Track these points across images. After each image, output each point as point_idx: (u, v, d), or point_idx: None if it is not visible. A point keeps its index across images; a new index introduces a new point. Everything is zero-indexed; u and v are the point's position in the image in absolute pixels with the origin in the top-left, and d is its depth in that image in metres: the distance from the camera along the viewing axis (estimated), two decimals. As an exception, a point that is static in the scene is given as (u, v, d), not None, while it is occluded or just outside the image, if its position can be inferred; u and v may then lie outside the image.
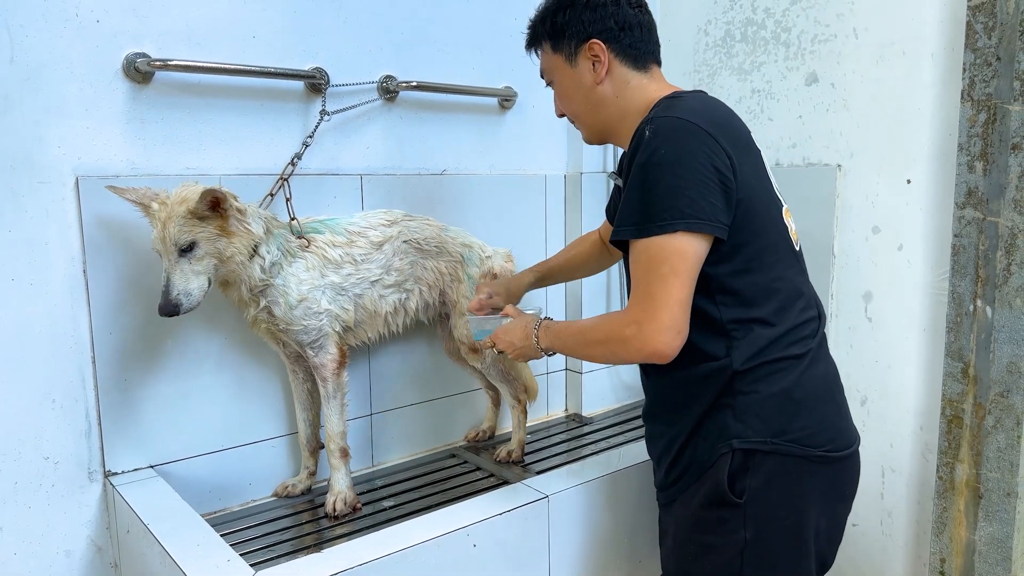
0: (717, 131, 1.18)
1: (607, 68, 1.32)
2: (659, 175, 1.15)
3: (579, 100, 1.38)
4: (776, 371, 1.22)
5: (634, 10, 1.33)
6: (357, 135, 1.89)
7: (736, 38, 2.18)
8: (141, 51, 1.57)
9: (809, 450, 1.22)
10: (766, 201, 1.26)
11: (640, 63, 1.34)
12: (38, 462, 1.53)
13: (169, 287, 1.42)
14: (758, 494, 1.22)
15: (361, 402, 1.95)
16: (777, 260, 1.25)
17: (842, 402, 1.33)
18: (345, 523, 1.67)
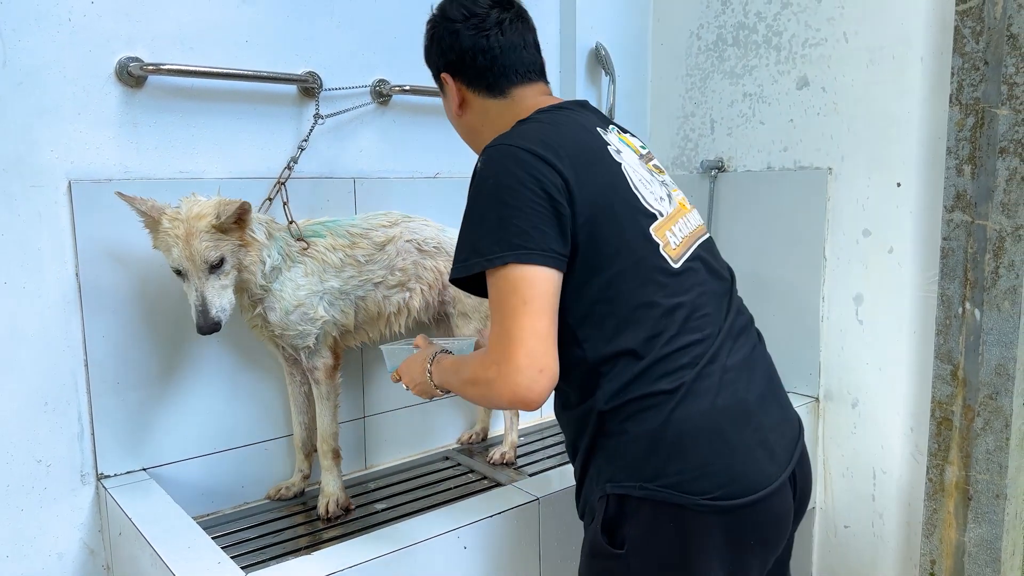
0: (550, 152, 1.08)
1: (460, 100, 1.28)
2: (486, 206, 1.08)
3: (456, 127, 1.36)
4: (643, 408, 1.08)
5: (477, 35, 1.22)
6: (350, 139, 1.90)
7: (728, 42, 2.19)
8: (134, 55, 1.58)
9: (689, 498, 1.06)
10: (621, 223, 1.11)
11: (495, 90, 1.25)
12: (30, 465, 1.53)
13: (207, 305, 1.42)
14: (638, 544, 1.09)
15: (354, 404, 1.96)
16: (636, 288, 1.10)
17: (743, 440, 1.10)
18: (337, 525, 1.67)
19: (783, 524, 1.15)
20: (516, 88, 1.25)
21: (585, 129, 1.18)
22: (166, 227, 1.41)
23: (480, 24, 1.22)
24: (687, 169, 2.35)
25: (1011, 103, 1.59)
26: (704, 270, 1.18)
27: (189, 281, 1.43)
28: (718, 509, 1.06)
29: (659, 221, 1.15)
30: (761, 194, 2.13)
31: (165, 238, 1.42)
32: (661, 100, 2.41)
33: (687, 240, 1.18)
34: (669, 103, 2.38)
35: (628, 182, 1.15)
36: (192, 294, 1.43)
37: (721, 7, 2.20)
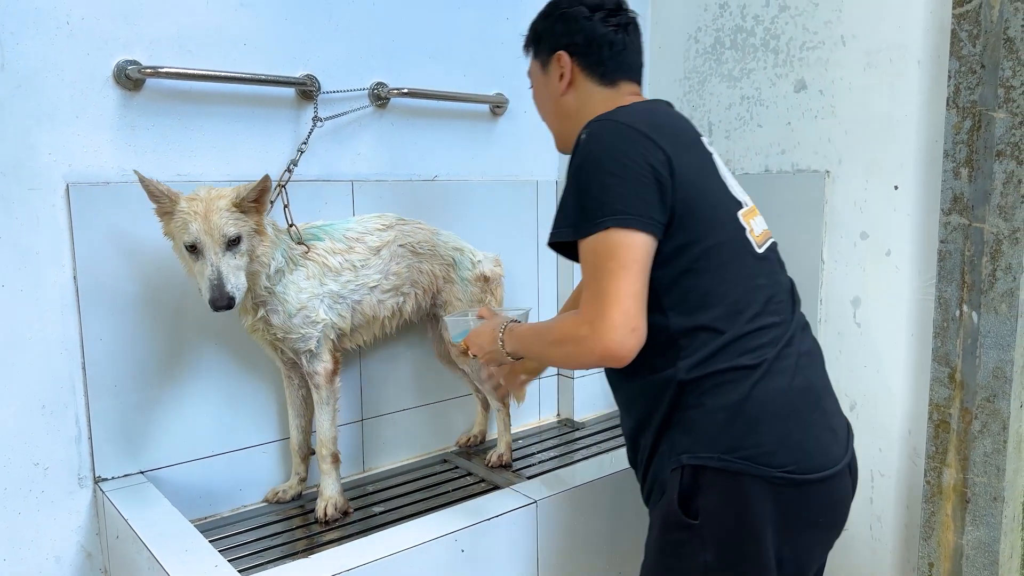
0: (653, 131, 1.16)
1: (570, 80, 1.34)
2: (591, 175, 1.14)
3: (547, 107, 1.42)
4: (724, 382, 1.14)
5: (609, 28, 1.32)
6: (348, 142, 1.90)
7: (726, 45, 2.19)
8: (132, 58, 1.58)
9: (765, 469, 1.11)
10: (713, 201, 1.20)
11: (607, 78, 1.34)
12: (28, 468, 1.53)
13: (222, 279, 1.41)
14: (713, 515, 1.14)
15: (352, 407, 1.96)
16: (725, 262, 1.17)
17: (815, 421, 1.18)
18: (335, 528, 1.67)
19: (843, 507, 1.23)
20: (623, 82, 1.35)
21: (680, 118, 1.30)
22: (184, 207, 1.42)
23: (610, 18, 1.32)
24: (685, 172, 2.34)
25: (1008, 106, 1.59)
26: (776, 263, 1.29)
27: (204, 257, 1.42)
28: (792, 482, 1.12)
29: (744, 209, 1.25)
30: (759, 197, 2.10)
31: (182, 216, 1.41)
32: (659, 103, 2.41)
33: (762, 235, 1.28)
34: (667, 106, 2.38)
35: (718, 170, 1.26)
36: (207, 269, 1.42)
37: (719, 10, 2.20)
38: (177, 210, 1.42)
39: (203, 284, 1.42)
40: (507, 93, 2.19)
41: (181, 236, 1.43)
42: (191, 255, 1.44)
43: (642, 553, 1.41)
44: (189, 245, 1.43)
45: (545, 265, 2.33)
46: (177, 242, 1.46)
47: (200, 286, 1.44)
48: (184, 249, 1.44)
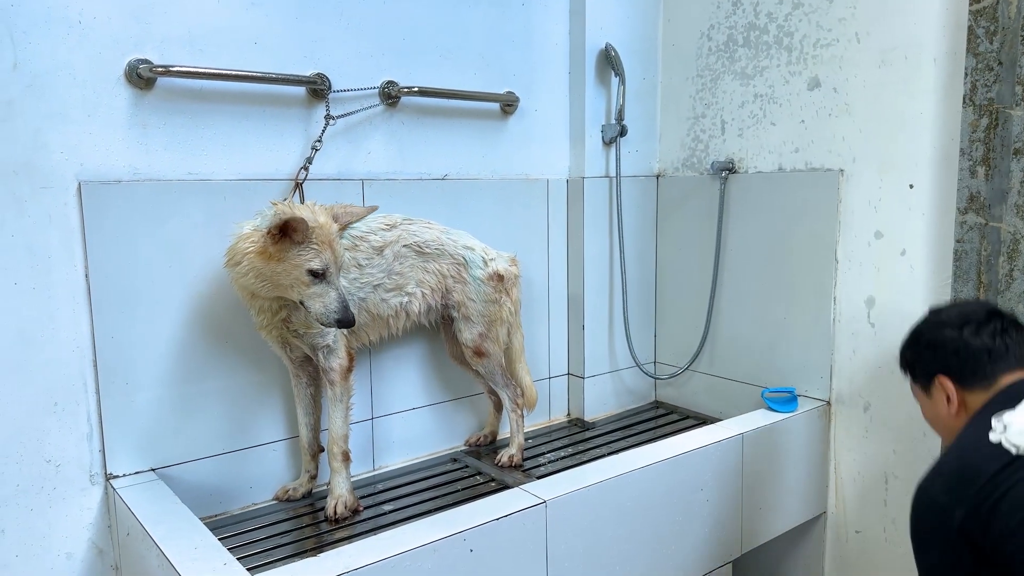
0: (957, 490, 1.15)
1: (959, 402, 1.32)
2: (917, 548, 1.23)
3: (939, 425, 1.39)
4: None
5: (980, 338, 1.30)
6: (359, 140, 1.90)
7: (739, 43, 2.18)
8: (143, 57, 1.58)
9: None
10: None
11: (987, 380, 1.30)
12: (40, 465, 1.54)
13: (347, 302, 1.53)
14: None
15: (363, 406, 1.96)
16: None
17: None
18: (345, 527, 1.67)
19: None
20: (1004, 375, 1.29)
21: None
22: (315, 236, 1.49)
23: (981, 330, 1.30)
24: (697, 170, 2.33)
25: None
26: None
27: (328, 283, 1.51)
28: None
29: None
30: (772, 196, 2.11)
31: (313, 247, 1.49)
32: (671, 101, 2.39)
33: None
34: (679, 104, 2.36)
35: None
36: (333, 293, 1.52)
37: (732, 8, 2.19)
38: (309, 240, 1.49)
39: (326, 305, 1.52)
40: (517, 92, 2.18)
41: (309, 263, 1.49)
42: (312, 279, 1.51)
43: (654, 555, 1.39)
44: (319, 272, 1.50)
45: (556, 265, 2.32)
46: (288, 265, 1.50)
47: (311, 303, 1.52)
48: (306, 274, 1.50)
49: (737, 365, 2.26)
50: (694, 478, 1.73)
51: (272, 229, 1.47)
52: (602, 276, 2.35)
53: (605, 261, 2.35)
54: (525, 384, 2.06)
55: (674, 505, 1.68)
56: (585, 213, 2.28)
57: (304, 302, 1.52)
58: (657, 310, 2.51)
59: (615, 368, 2.42)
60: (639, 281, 2.45)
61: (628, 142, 2.33)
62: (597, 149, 2.30)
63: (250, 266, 1.51)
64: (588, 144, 2.28)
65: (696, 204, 2.32)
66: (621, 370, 2.43)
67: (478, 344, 1.90)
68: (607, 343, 2.40)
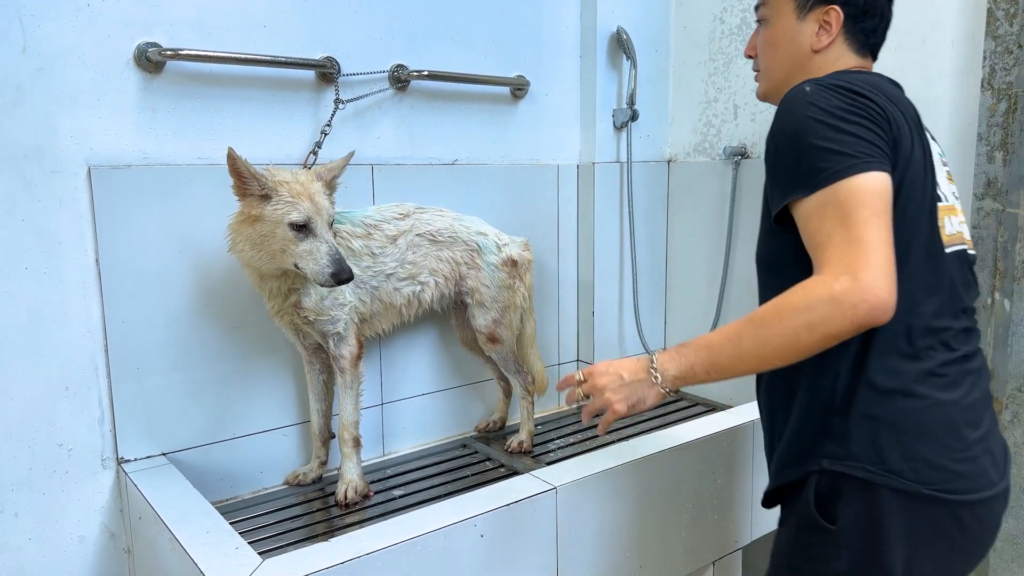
0: (881, 98, 1.08)
1: (831, 41, 1.22)
2: (817, 127, 1.04)
3: (782, 57, 1.27)
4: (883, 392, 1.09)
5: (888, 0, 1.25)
6: (368, 125, 1.89)
7: (752, 26, 2.15)
8: (152, 41, 1.57)
9: (912, 485, 1.07)
10: (924, 180, 1.11)
11: (862, 50, 1.25)
12: (52, 449, 1.55)
13: (340, 255, 1.48)
14: (853, 523, 1.10)
15: (373, 391, 1.96)
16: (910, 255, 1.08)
17: (974, 440, 1.10)
18: (355, 511, 1.67)
19: (994, 532, 1.16)
20: (870, 57, 1.27)
21: (909, 103, 1.18)
22: (284, 189, 1.46)
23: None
24: (709, 155, 2.31)
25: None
26: (961, 270, 1.17)
27: (316, 235, 1.47)
28: (941, 501, 1.07)
29: (943, 204, 1.15)
30: (785, 181, 2.09)
31: (286, 198, 1.45)
32: (683, 85, 2.37)
33: (956, 236, 1.17)
34: (691, 88, 2.34)
35: (933, 158, 1.15)
36: (323, 246, 1.47)
37: (745, -10, 2.15)
38: (277, 193, 1.46)
39: (318, 260, 1.46)
40: (528, 75, 2.16)
41: (287, 216, 1.45)
42: (297, 235, 1.46)
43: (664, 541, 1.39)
44: (300, 224, 1.46)
45: (566, 250, 2.31)
46: (266, 223, 1.47)
47: (305, 264, 1.47)
48: (289, 230, 1.46)
49: (748, 352, 2.24)
50: (705, 465, 1.72)
51: (233, 187, 1.47)
52: (612, 262, 2.34)
53: (616, 247, 2.34)
54: (537, 370, 2.06)
55: (684, 491, 1.68)
56: (596, 198, 2.27)
57: (298, 265, 1.48)
58: (667, 296, 2.49)
59: (625, 354, 2.41)
60: (649, 267, 2.43)
61: (639, 127, 2.31)
62: (608, 134, 2.28)
63: (241, 237, 1.50)
64: (599, 129, 2.26)
65: (708, 190, 2.30)
66: (631, 356, 2.42)
67: (492, 330, 1.89)
68: (617, 329, 2.39)
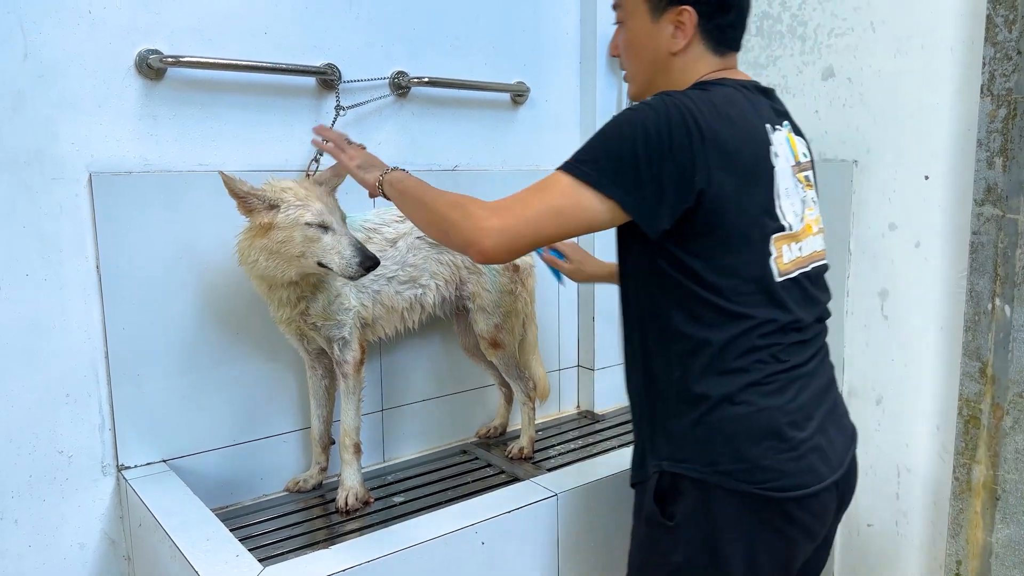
0: (710, 130, 1.09)
1: (688, 43, 1.20)
2: (615, 133, 1.10)
3: (643, 59, 1.25)
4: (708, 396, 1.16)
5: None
6: (368, 131, 1.89)
7: (751, 32, 2.15)
8: (153, 47, 1.57)
9: (742, 486, 1.14)
10: (747, 221, 1.14)
11: (721, 47, 1.22)
12: (52, 456, 1.55)
13: (362, 245, 1.49)
14: (688, 520, 1.17)
15: (373, 397, 1.96)
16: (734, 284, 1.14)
17: (801, 441, 1.16)
18: (356, 518, 1.67)
19: (825, 520, 1.23)
20: (731, 53, 1.25)
21: (756, 123, 1.18)
22: (290, 196, 1.47)
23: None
24: (709, 161, 2.31)
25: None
26: (799, 289, 1.22)
27: (335, 231, 1.48)
28: (770, 500, 1.14)
29: (783, 233, 1.18)
30: (784, 187, 2.09)
31: (295, 203, 1.46)
32: (683, 91, 2.37)
33: (800, 260, 1.22)
34: (691, 94, 2.34)
35: (773, 187, 1.17)
36: (345, 238, 1.48)
37: (745, -4, 2.16)
38: (283, 201, 1.46)
39: (342, 252, 1.47)
40: (528, 81, 2.16)
41: (302, 217, 1.46)
42: (320, 232, 1.47)
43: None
44: (318, 223, 1.47)
45: (566, 256, 2.30)
46: (282, 230, 1.46)
47: (331, 259, 1.47)
48: (310, 229, 1.47)
49: (748, 357, 2.24)
50: (705, 471, 1.72)
51: (237, 207, 1.48)
52: (612, 268, 2.34)
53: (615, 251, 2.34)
54: (538, 376, 2.06)
55: (685, 498, 1.68)
56: (596, 204, 2.26)
57: (323, 262, 1.48)
58: (667, 302, 2.49)
59: (625, 360, 2.41)
60: (649, 273, 2.43)
61: (639, 133, 2.31)
62: (608, 140, 2.28)
63: (254, 249, 1.50)
64: (599, 135, 2.26)
65: (707, 195, 2.30)
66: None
67: (494, 335, 1.89)
68: (618, 335, 2.39)
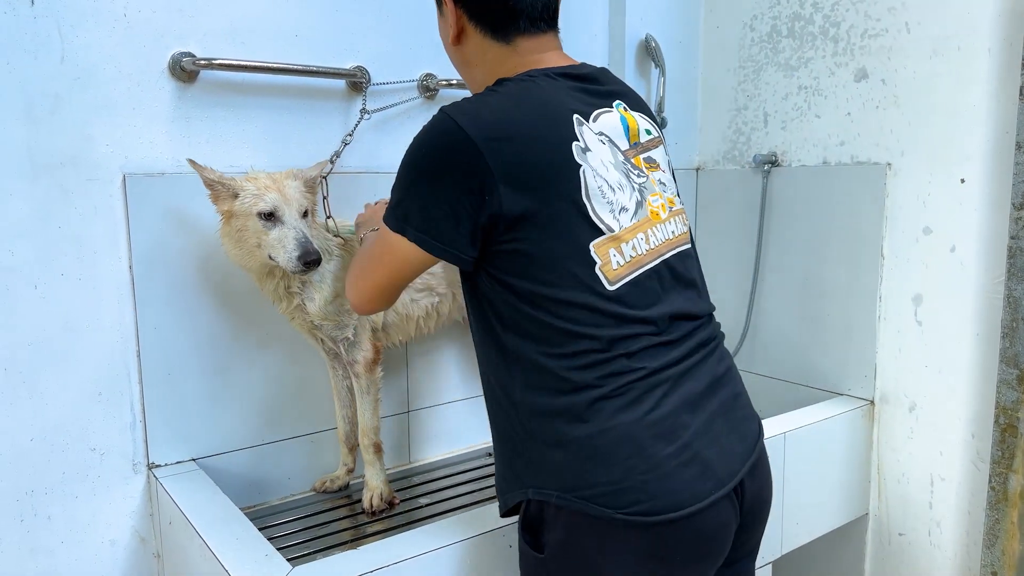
0: (488, 141, 1.03)
1: (459, 30, 1.19)
2: (414, 174, 1.09)
3: (448, 53, 1.27)
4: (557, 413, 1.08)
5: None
6: (396, 133, 1.90)
7: (783, 33, 2.13)
8: (187, 50, 1.59)
9: (606, 511, 1.03)
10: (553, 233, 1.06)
11: (500, 33, 1.16)
12: (85, 453, 1.57)
13: (308, 237, 1.45)
14: (558, 550, 1.09)
15: (399, 399, 1.96)
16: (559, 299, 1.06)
17: (670, 456, 1.05)
18: (382, 519, 1.67)
19: (717, 540, 1.10)
20: (521, 38, 1.16)
21: (554, 120, 1.09)
22: (251, 185, 1.46)
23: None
24: (739, 163, 2.29)
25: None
26: (644, 288, 1.10)
27: (283, 223, 1.46)
28: (638, 524, 1.03)
29: (604, 237, 1.07)
30: (816, 189, 2.07)
31: (253, 192, 1.45)
32: (712, 93, 2.35)
33: (639, 259, 1.10)
34: (721, 96, 2.32)
35: (582, 189, 1.07)
36: (290, 232, 1.45)
37: (776, -3, 2.14)
38: (243, 189, 1.46)
39: (286, 246, 1.44)
40: (556, 84, 2.15)
41: (255, 207, 1.45)
42: (266, 224, 1.46)
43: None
44: (267, 213, 1.45)
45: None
46: (238, 219, 1.47)
47: (277, 253, 1.46)
48: (258, 220, 1.45)
49: (778, 362, 2.22)
50: (734, 477, 1.70)
51: (209, 197, 1.49)
52: (639, 271, 2.32)
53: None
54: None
55: (713, 504, 1.66)
56: (623, 207, 2.25)
57: (272, 256, 1.47)
58: (695, 305, 2.47)
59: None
60: (677, 276, 2.41)
61: (668, 134, 2.30)
62: (636, 142, 2.27)
63: (225, 238, 1.52)
64: (627, 137, 2.25)
65: (737, 198, 2.28)
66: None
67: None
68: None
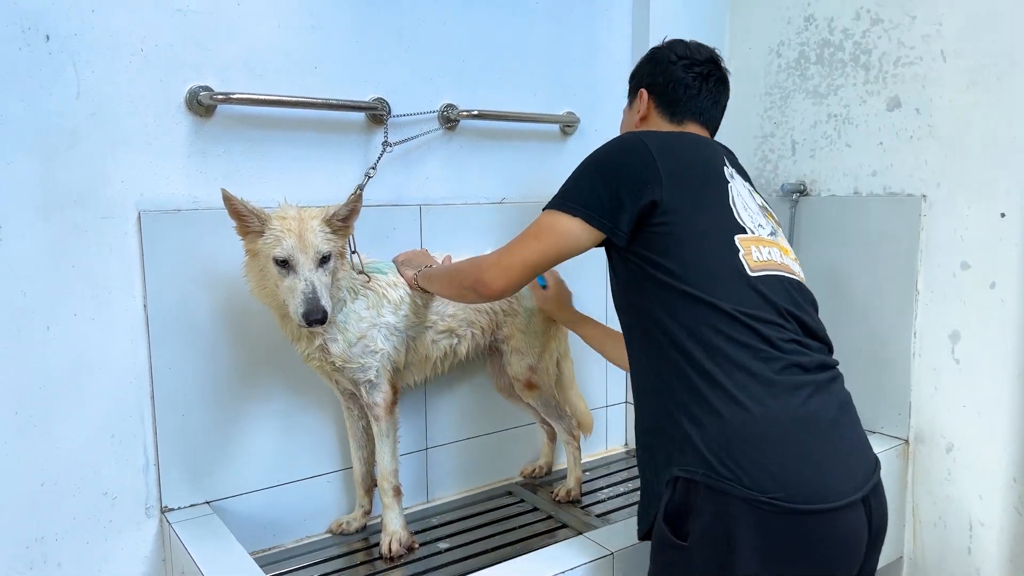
0: (660, 151, 1.27)
1: (644, 115, 1.48)
2: (585, 166, 1.33)
3: (624, 120, 1.59)
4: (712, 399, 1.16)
5: (688, 74, 1.44)
6: (417, 165, 1.86)
7: (811, 60, 2.08)
8: (204, 84, 1.56)
9: (751, 493, 1.09)
10: (702, 228, 1.25)
11: (676, 117, 1.46)
12: (96, 497, 1.53)
13: (317, 293, 1.40)
14: (702, 538, 1.14)
15: (417, 436, 1.91)
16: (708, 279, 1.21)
17: (815, 449, 1.14)
18: (400, 565, 1.62)
19: (851, 545, 1.15)
20: (689, 122, 1.47)
21: (707, 153, 1.36)
22: (277, 224, 1.41)
23: (693, 67, 1.45)
24: (766, 192, 2.23)
25: None
26: (780, 287, 1.26)
27: (296, 273, 1.41)
28: (781, 510, 1.09)
29: (747, 235, 1.27)
30: (847, 221, 2.01)
31: (275, 233, 1.41)
32: (738, 120, 2.30)
33: (774, 263, 1.28)
34: (747, 123, 2.27)
35: (729, 196, 1.30)
36: (300, 283, 1.40)
37: (804, 24, 2.09)
38: (269, 228, 1.41)
39: (295, 299, 1.40)
40: (578, 111, 2.11)
41: (272, 251, 1.41)
42: (281, 271, 1.42)
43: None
44: (281, 260, 1.41)
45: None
46: (260, 258, 1.44)
47: (288, 302, 1.42)
48: (274, 265, 1.42)
49: (806, 397, 2.14)
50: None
51: (235, 228, 1.45)
52: (663, 301, 2.27)
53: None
54: (580, 410, 1.99)
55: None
56: (646, 237, 2.20)
57: (286, 303, 1.44)
58: (719, 336, 2.41)
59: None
60: (701, 306, 2.35)
61: (692, 163, 2.25)
62: (659, 170, 2.22)
63: (249, 274, 1.48)
64: (650, 165, 2.20)
65: (763, 228, 2.22)
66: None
67: (528, 377, 1.83)
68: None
